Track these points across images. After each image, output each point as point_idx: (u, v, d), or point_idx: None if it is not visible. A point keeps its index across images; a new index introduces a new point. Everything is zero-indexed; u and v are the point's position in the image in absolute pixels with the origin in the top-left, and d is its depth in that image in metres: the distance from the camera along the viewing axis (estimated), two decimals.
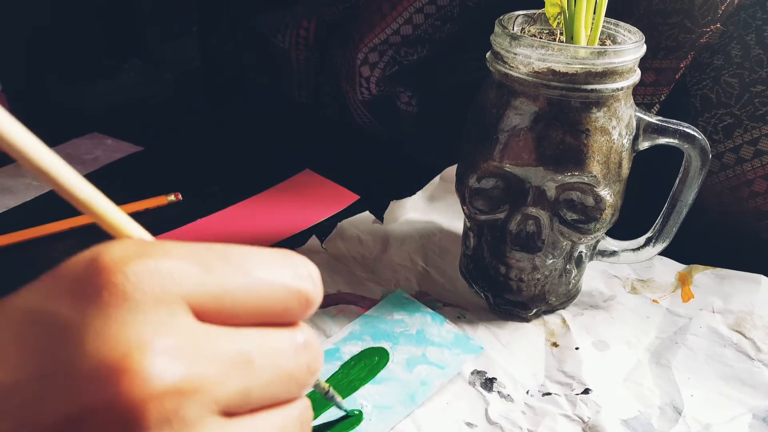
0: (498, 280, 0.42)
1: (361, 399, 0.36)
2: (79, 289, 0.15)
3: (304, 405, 0.19)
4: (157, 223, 0.53)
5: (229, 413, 0.17)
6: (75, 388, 0.15)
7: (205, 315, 0.17)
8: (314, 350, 0.19)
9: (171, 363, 0.15)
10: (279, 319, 0.18)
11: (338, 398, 0.21)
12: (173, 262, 0.16)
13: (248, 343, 0.17)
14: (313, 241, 0.50)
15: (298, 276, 0.19)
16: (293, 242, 0.50)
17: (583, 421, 0.35)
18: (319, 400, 0.36)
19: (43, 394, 0.15)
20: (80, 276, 0.16)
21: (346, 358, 0.39)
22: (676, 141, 0.38)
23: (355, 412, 0.34)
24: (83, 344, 0.15)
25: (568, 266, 0.41)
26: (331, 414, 0.35)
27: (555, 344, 0.41)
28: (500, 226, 0.40)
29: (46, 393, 0.15)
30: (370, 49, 0.58)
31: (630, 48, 0.35)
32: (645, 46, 0.36)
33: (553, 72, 0.34)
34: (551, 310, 0.43)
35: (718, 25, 0.44)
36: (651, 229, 0.42)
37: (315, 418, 0.35)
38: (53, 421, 0.14)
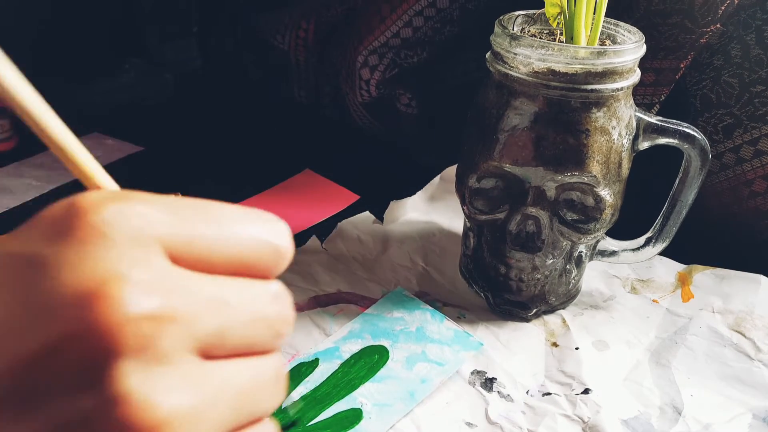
0: (498, 280, 0.42)
1: (361, 397, 0.36)
2: (56, 230, 0.16)
3: (279, 358, 0.19)
4: None
5: (206, 354, 0.17)
6: (52, 316, 0.15)
7: (179, 260, 0.17)
8: (287, 301, 0.19)
9: (148, 293, 0.15)
10: (253, 270, 0.18)
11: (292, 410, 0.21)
12: (148, 207, 0.17)
13: (223, 286, 0.17)
14: (313, 241, 0.50)
15: (271, 230, 0.19)
16: (293, 242, 0.50)
17: (583, 421, 0.35)
18: (319, 398, 0.36)
19: (21, 325, 0.15)
20: (57, 219, 0.16)
21: (346, 356, 0.39)
22: (675, 141, 0.38)
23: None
24: (59, 277, 0.15)
25: (568, 266, 0.41)
26: (331, 413, 0.35)
27: (555, 344, 0.41)
28: (500, 226, 0.40)
29: (24, 324, 0.15)
30: (370, 51, 0.58)
31: (630, 48, 0.35)
32: (645, 47, 0.36)
33: (553, 72, 0.34)
34: (551, 310, 0.43)
35: (718, 26, 0.45)
36: (651, 229, 0.42)
37: (314, 417, 0.35)
38: (32, 350, 0.15)
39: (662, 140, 0.38)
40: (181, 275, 0.17)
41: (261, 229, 0.19)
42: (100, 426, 0.15)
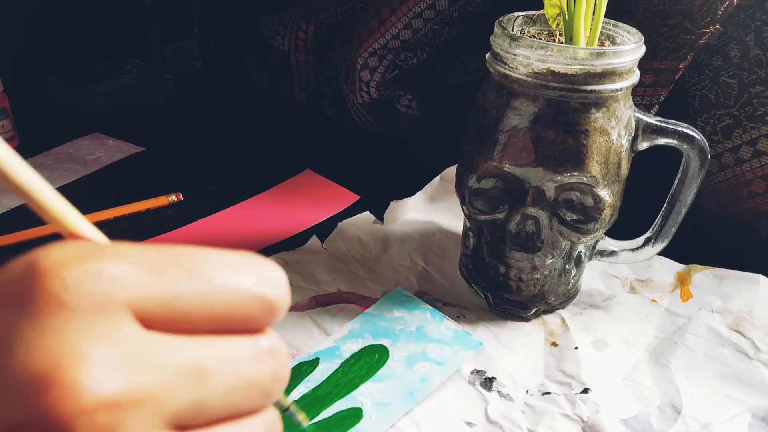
0: (497, 279, 0.42)
1: (361, 397, 0.36)
2: (13, 297, 0.14)
3: (271, 416, 0.18)
4: (158, 224, 0.54)
5: (182, 426, 0.15)
6: (3, 401, 0.14)
7: (153, 323, 0.15)
8: (280, 357, 0.17)
9: (107, 374, 0.14)
10: (240, 327, 0.17)
11: (299, 416, 0.21)
12: (117, 265, 0.15)
13: (201, 350, 0.16)
14: (314, 241, 0.50)
15: (262, 281, 0.17)
16: (293, 242, 0.51)
17: (583, 421, 0.35)
18: (320, 398, 0.36)
19: None
20: (15, 282, 0.15)
21: (346, 356, 0.39)
22: (675, 141, 0.38)
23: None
24: (13, 355, 0.14)
25: (567, 266, 0.41)
26: (331, 412, 0.35)
27: (554, 344, 0.41)
28: (500, 226, 0.40)
29: None
30: (370, 53, 0.59)
31: (629, 49, 0.35)
32: (644, 47, 0.36)
33: (553, 73, 0.35)
34: (550, 310, 0.44)
35: (717, 26, 0.45)
36: (650, 229, 0.42)
37: (314, 416, 0.35)
38: None
39: (661, 140, 0.38)
40: (153, 343, 0.15)
41: (250, 280, 0.17)
42: None
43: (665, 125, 0.38)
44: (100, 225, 0.53)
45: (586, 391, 0.37)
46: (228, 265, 0.17)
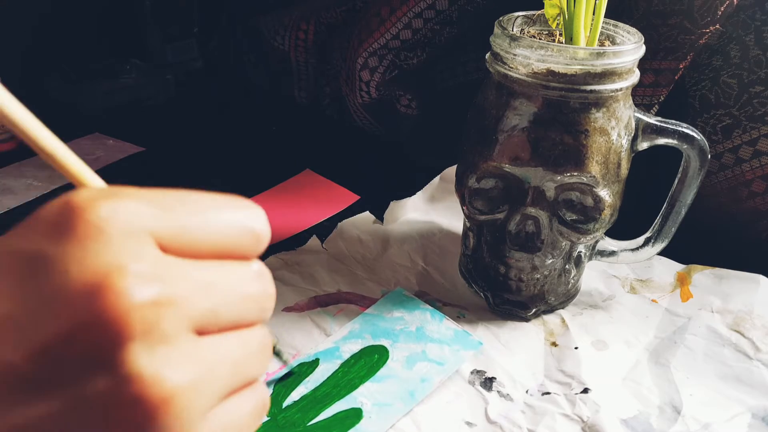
0: (497, 279, 0.42)
1: (361, 397, 0.36)
2: (57, 228, 0.17)
3: (264, 330, 0.21)
4: None
5: (201, 331, 0.18)
6: (63, 307, 0.16)
7: (168, 248, 0.18)
8: (267, 278, 0.21)
9: (147, 282, 0.17)
10: (235, 253, 0.20)
11: (285, 356, 0.24)
12: (137, 202, 0.18)
13: (210, 270, 0.19)
14: (314, 241, 0.50)
15: (248, 216, 0.20)
16: (293, 242, 0.51)
17: (583, 421, 0.35)
18: (320, 398, 0.36)
19: (34, 317, 0.16)
20: (55, 218, 0.17)
21: (346, 356, 0.39)
22: (675, 141, 0.38)
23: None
24: (66, 271, 0.16)
25: (567, 266, 0.41)
26: (331, 413, 0.35)
27: (554, 344, 0.41)
28: (500, 226, 0.40)
29: (38, 316, 0.16)
30: (370, 53, 0.59)
31: (629, 49, 0.35)
32: (644, 47, 0.36)
33: (553, 73, 0.35)
34: (550, 310, 0.44)
35: (717, 26, 0.45)
36: (650, 229, 0.42)
37: (314, 417, 0.35)
38: (47, 339, 0.16)
39: (661, 141, 0.38)
40: (173, 263, 0.18)
41: (239, 216, 0.20)
42: (116, 403, 0.16)
43: (665, 125, 0.38)
44: None
45: (586, 391, 0.37)
46: (221, 204, 0.20)
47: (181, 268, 0.18)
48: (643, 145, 0.39)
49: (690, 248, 0.48)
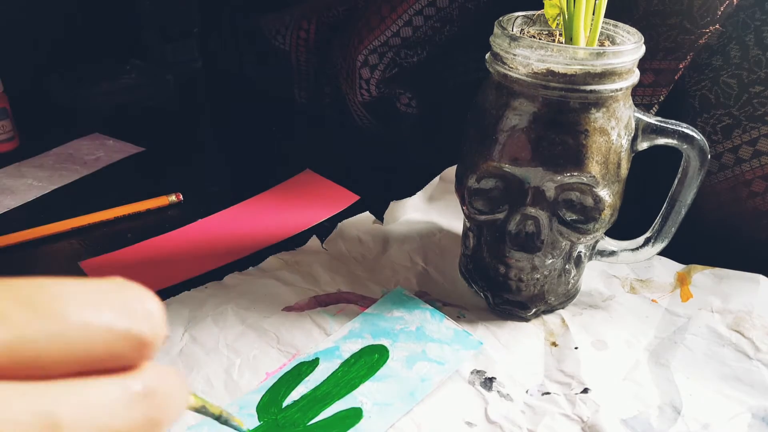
0: (497, 279, 0.42)
1: (362, 396, 0.36)
2: None
3: None
4: (158, 224, 0.54)
5: None
6: None
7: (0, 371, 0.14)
8: (158, 398, 0.15)
9: None
10: (107, 367, 0.15)
11: (234, 422, 0.20)
12: None
13: (54, 399, 0.14)
14: (314, 241, 0.50)
15: (127, 313, 0.15)
16: (293, 242, 0.51)
17: (583, 421, 0.35)
18: (320, 397, 0.36)
19: None
20: None
21: (346, 356, 0.39)
22: (674, 141, 0.38)
23: None
24: None
25: (567, 266, 0.41)
26: (331, 412, 0.35)
27: (554, 344, 0.41)
28: (500, 226, 0.40)
29: None
30: (370, 51, 0.59)
31: (629, 49, 0.35)
32: (644, 47, 0.36)
33: (552, 73, 0.35)
34: (550, 310, 0.44)
35: (717, 26, 0.45)
36: (650, 229, 0.42)
37: (314, 416, 0.35)
38: None
39: (661, 140, 0.38)
40: None
41: (112, 315, 0.15)
42: None
43: (665, 125, 0.38)
44: (100, 225, 0.53)
45: (586, 391, 0.37)
46: (85, 298, 0.15)
47: (6, 401, 0.13)
48: (643, 145, 0.39)
49: (690, 248, 0.48)
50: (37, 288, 0.14)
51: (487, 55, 0.38)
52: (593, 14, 0.36)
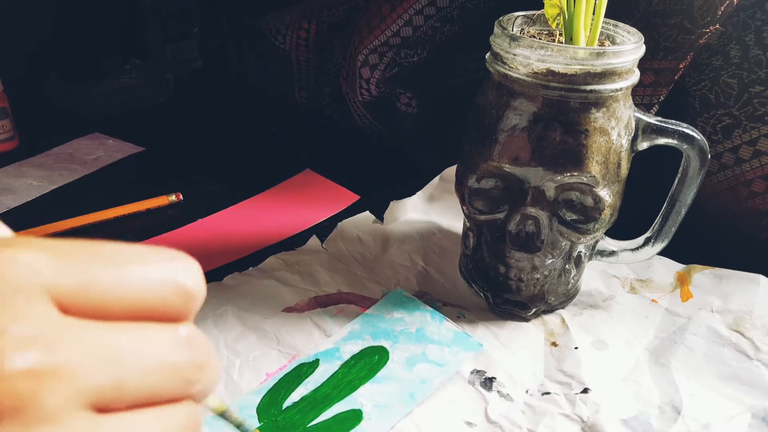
0: (497, 279, 0.42)
1: (362, 398, 0.36)
2: None
3: (192, 407, 0.18)
4: (158, 223, 0.54)
5: (102, 408, 0.15)
6: None
7: (71, 308, 0.16)
8: (199, 346, 0.18)
9: (27, 348, 0.14)
10: (158, 315, 0.17)
11: (235, 415, 0.21)
12: (33, 253, 0.15)
13: (119, 334, 0.16)
14: (314, 241, 0.50)
15: (177, 269, 0.17)
16: (293, 242, 0.51)
17: (583, 421, 0.35)
18: (320, 399, 0.36)
19: None
20: None
21: (346, 357, 0.39)
22: (675, 141, 0.38)
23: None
24: None
25: (567, 266, 0.41)
26: (331, 414, 0.35)
27: (554, 344, 0.41)
28: (500, 226, 0.40)
29: None
30: (370, 50, 0.59)
31: (629, 49, 0.35)
32: (644, 47, 0.36)
33: (553, 73, 0.35)
34: (550, 310, 0.44)
35: (717, 26, 0.45)
36: (650, 229, 0.42)
37: (314, 418, 0.35)
38: None
39: (661, 140, 0.38)
40: (71, 325, 0.15)
41: (164, 269, 0.17)
42: None
43: (665, 125, 0.38)
44: (100, 225, 0.53)
45: (586, 391, 0.37)
46: (141, 255, 0.17)
47: (80, 331, 0.15)
48: (643, 145, 0.39)
49: (690, 248, 0.47)
50: (101, 246, 0.17)
51: (487, 55, 0.38)
52: (593, 14, 0.36)
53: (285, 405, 0.36)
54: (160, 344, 0.17)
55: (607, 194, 0.37)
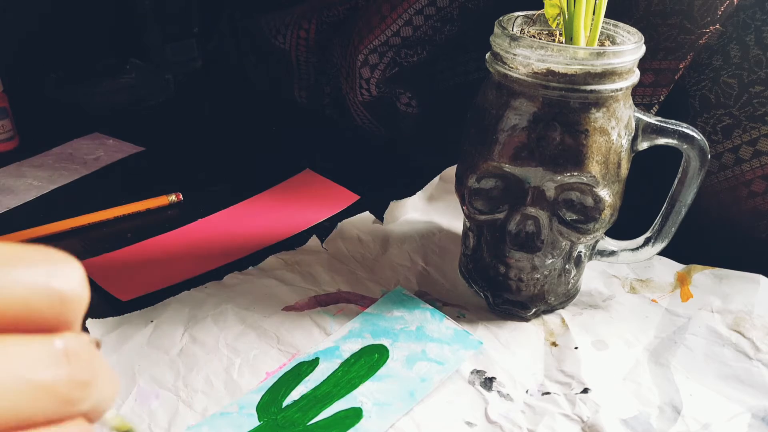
0: (497, 279, 0.42)
1: (361, 396, 0.36)
2: None
3: (82, 427, 0.16)
4: (158, 223, 0.54)
5: None
6: None
7: None
8: (80, 360, 0.15)
9: None
10: (26, 326, 0.15)
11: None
12: None
13: None
14: (314, 241, 0.50)
15: (48, 272, 0.15)
16: (293, 242, 0.51)
17: (583, 421, 0.35)
18: (320, 397, 0.36)
19: None
20: None
21: (346, 356, 0.39)
22: (675, 141, 0.38)
23: None
24: None
25: (567, 266, 0.41)
26: (331, 412, 0.35)
27: (554, 344, 0.41)
28: (500, 226, 0.40)
29: None
30: (370, 50, 0.59)
31: (629, 49, 0.35)
32: (644, 47, 0.36)
33: (553, 73, 0.35)
34: (550, 310, 0.44)
35: (717, 26, 0.45)
36: (650, 229, 0.42)
37: (314, 416, 0.35)
38: None
39: (661, 140, 0.38)
40: None
41: (33, 272, 0.15)
42: None
43: (665, 125, 0.38)
44: (100, 225, 0.53)
45: (586, 391, 0.37)
46: (8, 258, 0.15)
47: None
48: (643, 145, 0.39)
49: (690, 248, 0.48)
50: None
51: (487, 55, 0.38)
52: (593, 14, 0.36)
53: (285, 403, 0.36)
54: (26, 360, 0.14)
55: (607, 194, 0.37)
